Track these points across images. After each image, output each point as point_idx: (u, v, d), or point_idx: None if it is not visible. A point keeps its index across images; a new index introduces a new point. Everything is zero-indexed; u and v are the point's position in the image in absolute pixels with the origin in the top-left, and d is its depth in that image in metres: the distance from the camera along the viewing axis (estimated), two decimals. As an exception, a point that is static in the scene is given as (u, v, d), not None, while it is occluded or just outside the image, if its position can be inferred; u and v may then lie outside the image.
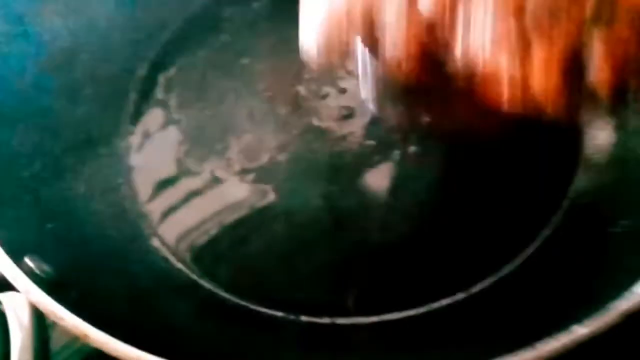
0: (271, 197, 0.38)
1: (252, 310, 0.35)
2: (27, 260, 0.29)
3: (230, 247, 0.37)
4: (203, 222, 0.38)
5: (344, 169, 0.38)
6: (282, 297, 0.35)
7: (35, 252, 0.29)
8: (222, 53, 0.43)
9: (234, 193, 0.39)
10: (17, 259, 0.28)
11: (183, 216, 0.38)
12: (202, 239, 0.38)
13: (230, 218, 0.38)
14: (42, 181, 0.36)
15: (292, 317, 0.34)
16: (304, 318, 0.34)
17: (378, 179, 0.38)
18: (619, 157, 0.37)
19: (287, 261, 0.36)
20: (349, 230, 0.37)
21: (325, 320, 0.34)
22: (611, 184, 0.36)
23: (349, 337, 0.34)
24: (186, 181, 0.39)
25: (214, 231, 0.38)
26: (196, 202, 0.39)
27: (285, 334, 0.34)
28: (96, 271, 0.33)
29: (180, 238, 0.38)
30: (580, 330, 0.24)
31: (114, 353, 0.26)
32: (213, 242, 0.37)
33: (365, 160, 0.38)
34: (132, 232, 0.38)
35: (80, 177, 0.38)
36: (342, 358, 0.33)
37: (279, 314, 0.35)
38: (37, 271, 0.29)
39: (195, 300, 0.36)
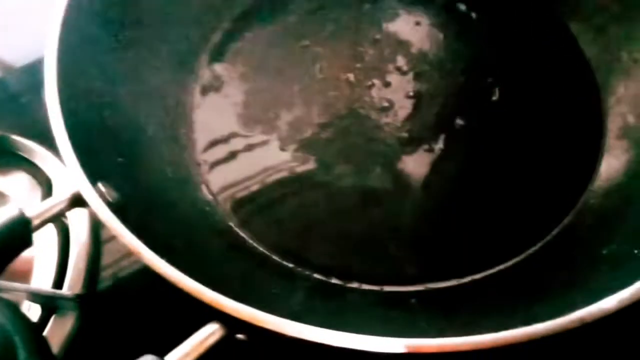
0: (310, 166, 0.43)
1: (274, 259, 0.40)
2: (100, 185, 0.34)
3: (266, 204, 0.43)
4: (247, 178, 0.43)
5: (378, 154, 0.43)
6: (303, 255, 0.40)
7: (106, 179, 0.35)
8: (286, 32, 0.48)
9: (277, 157, 0.44)
10: (92, 183, 0.33)
11: (230, 170, 0.44)
12: (243, 193, 0.43)
13: (271, 178, 0.43)
14: (120, 125, 0.41)
15: (306, 272, 0.40)
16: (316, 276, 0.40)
17: (408, 167, 0.42)
18: (625, 187, 0.40)
19: (315, 225, 0.41)
20: (378, 207, 0.41)
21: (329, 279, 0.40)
22: (612, 208, 0.39)
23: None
24: (237, 141, 0.45)
25: (254, 187, 0.43)
26: (243, 160, 0.44)
27: (299, 285, 0.39)
28: (152, 202, 0.39)
29: (225, 189, 0.43)
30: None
31: (156, 269, 0.30)
32: (252, 196, 0.43)
33: (397, 149, 0.43)
34: (185, 175, 0.43)
35: (150, 123, 0.43)
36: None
37: (294, 267, 0.40)
38: (107, 195, 0.34)
39: (227, 243, 0.41)
